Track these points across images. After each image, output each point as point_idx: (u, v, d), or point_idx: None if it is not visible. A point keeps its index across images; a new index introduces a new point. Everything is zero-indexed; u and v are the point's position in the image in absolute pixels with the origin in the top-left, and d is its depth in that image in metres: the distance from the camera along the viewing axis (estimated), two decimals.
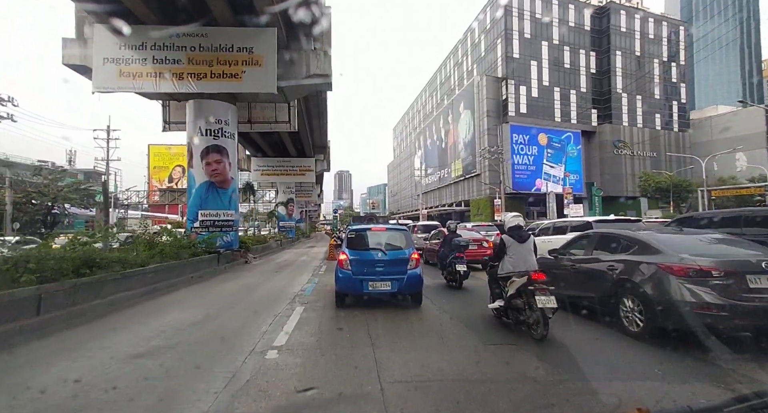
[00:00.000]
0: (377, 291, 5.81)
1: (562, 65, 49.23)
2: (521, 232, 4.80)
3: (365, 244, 6.26)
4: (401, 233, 6.52)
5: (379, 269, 5.86)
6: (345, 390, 3.01)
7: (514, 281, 4.45)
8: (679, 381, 3.11)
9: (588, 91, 50.79)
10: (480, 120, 48.41)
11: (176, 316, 5.64)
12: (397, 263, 5.92)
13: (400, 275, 5.82)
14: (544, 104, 48.59)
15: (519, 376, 3.29)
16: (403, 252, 6.07)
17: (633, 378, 3.23)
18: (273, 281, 9.75)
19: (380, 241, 6.29)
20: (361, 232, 6.49)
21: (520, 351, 3.91)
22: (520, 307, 4.38)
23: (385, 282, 5.77)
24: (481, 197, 48.57)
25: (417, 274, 5.96)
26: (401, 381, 3.14)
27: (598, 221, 10.63)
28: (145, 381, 3.21)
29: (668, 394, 2.90)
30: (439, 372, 3.34)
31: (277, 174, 26.53)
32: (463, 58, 59.46)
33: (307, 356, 3.81)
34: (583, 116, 50.30)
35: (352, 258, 5.95)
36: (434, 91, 73.18)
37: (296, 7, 10.22)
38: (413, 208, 78.89)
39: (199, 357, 3.88)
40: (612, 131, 49.77)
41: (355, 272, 5.84)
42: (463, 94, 52.81)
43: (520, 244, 4.67)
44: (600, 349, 4.07)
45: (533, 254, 4.75)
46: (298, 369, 3.44)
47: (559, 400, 2.84)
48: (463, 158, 52.64)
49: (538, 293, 4.07)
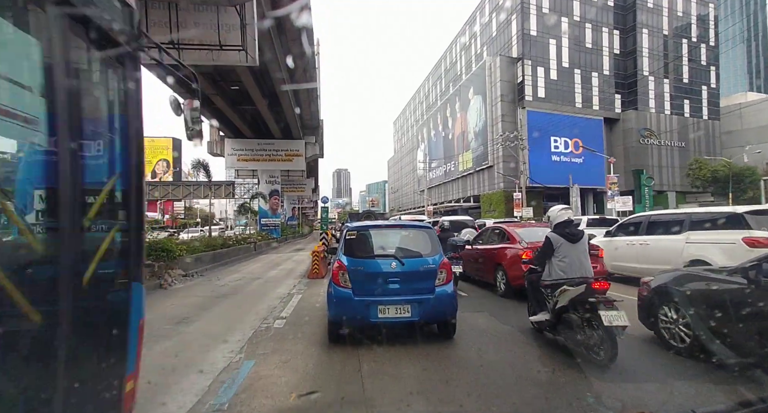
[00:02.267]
0: (391, 320, 4.01)
1: (583, 44, 44.34)
2: (572, 229, 4.05)
3: (371, 249, 4.45)
4: (424, 233, 4.63)
5: (392, 286, 4.06)
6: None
7: (567, 291, 3.65)
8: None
9: (611, 73, 45.93)
10: (492, 106, 43.54)
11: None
12: (419, 278, 4.15)
13: (424, 294, 4.08)
14: (564, 88, 43.72)
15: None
16: (427, 261, 4.24)
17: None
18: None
19: (393, 244, 4.55)
20: (365, 231, 4.66)
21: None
22: (576, 323, 3.59)
23: (401, 306, 4.01)
24: (494, 191, 43.79)
25: (448, 293, 4.19)
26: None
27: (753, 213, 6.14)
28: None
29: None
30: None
31: (257, 159, 21.54)
32: (471, 41, 54.52)
33: None
34: (605, 101, 45.46)
35: (353, 270, 4.13)
36: (438, 79, 68.29)
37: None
38: (415, 205, 74.39)
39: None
40: (638, 118, 44.93)
41: (357, 291, 4.05)
42: (473, 79, 47.88)
43: (572, 244, 3.93)
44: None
45: (588, 257, 4.02)
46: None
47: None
48: (473, 148, 47.77)
49: (602, 307, 3.33)
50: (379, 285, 4.06)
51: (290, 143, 21.75)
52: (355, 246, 4.40)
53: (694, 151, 46.48)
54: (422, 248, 4.39)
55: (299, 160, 21.84)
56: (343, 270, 4.11)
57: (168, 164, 60.31)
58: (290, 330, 4.87)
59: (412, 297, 4.03)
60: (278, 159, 21.65)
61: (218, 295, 7.65)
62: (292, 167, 22.10)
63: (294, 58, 14.01)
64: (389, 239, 4.69)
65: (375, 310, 3.97)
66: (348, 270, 4.10)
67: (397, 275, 4.09)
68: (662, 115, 46.52)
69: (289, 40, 13.59)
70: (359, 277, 4.09)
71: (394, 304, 4.00)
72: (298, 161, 21.85)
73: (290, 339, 4.47)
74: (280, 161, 21.71)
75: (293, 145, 21.79)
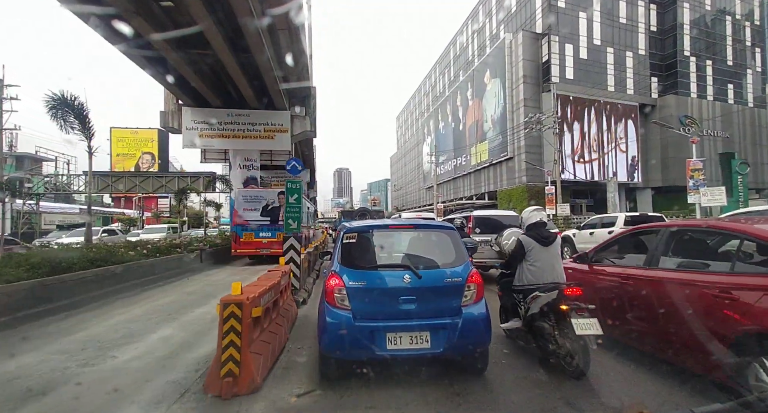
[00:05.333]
0: (404, 352, 3.03)
1: (616, 19, 38.95)
2: (544, 231, 3.84)
3: (377, 256, 3.47)
4: (445, 236, 3.58)
5: (406, 306, 3.10)
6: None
7: (539, 297, 3.51)
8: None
9: (646, 53, 40.54)
10: (513, 89, 38.19)
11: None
12: (440, 295, 3.19)
13: (447, 317, 3.13)
14: (595, 69, 38.35)
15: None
16: (452, 272, 3.28)
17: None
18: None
19: (404, 250, 3.59)
20: (368, 233, 3.56)
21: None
22: (547, 331, 3.38)
23: (418, 334, 3.06)
24: (514, 186, 38.44)
25: (480, 315, 3.20)
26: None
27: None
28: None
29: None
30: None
31: (226, 136, 16.13)
32: (485, 21, 49.14)
33: None
34: (639, 85, 40.08)
35: (353, 285, 3.17)
36: (446, 68, 62.96)
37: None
38: (420, 203, 69.20)
39: None
40: (678, 104, 39.50)
41: (358, 314, 3.09)
42: (489, 61, 42.50)
43: (544, 247, 3.75)
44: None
45: (560, 261, 3.82)
46: None
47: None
48: (490, 139, 42.41)
49: (574, 314, 3.11)
50: (387, 305, 3.12)
51: (271, 115, 16.37)
52: (355, 253, 3.42)
53: (739, 143, 41.16)
54: (444, 256, 3.43)
55: (283, 137, 16.45)
56: (339, 285, 3.18)
57: (153, 156, 55.55)
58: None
59: (431, 321, 3.09)
60: (255, 136, 16.28)
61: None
62: (274, 146, 16.75)
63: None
64: (398, 243, 3.70)
65: (382, 339, 3.02)
66: (346, 286, 3.17)
67: (412, 292, 3.13)
68: (704, 101, 41.11)
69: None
70: (361, 294, 3.15)
71: (408, 331, 3.05)
72: (282, 138, 16.46)
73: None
74: (258, 138, 16.32)
75: (275, 117, 16.41)
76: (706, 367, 2.86)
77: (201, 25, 10.30)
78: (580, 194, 40.00)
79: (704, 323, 2.83)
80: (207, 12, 9.88)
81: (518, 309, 3.79)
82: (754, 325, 2.51)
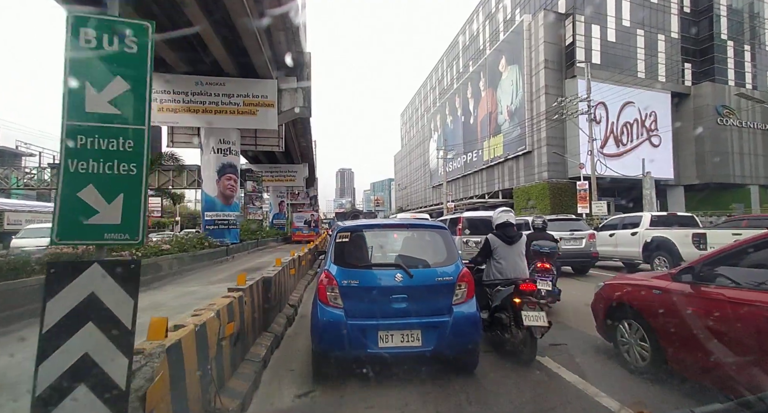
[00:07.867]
0: (396, 350, 3.14)
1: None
2: (510, 231, 4.15)
3: (369, 255, 3.60)
4: (437, 235, 3.72)
5: (397, 304, 3.21)
6: None
7: (500, 291, 3.85)
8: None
9: (679, 37, 36.83)
10: (533, 76, 34.59)
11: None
12: (431, 294, 3.29)
13: (438, 316, 3.25)
14: (624, 53, 34.69)
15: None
16: (443, 272, 3.38)
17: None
18: None
19: (396, 250, 3.69)
20: (360, 232, 3.71)
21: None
22: (504, 322, 3.74)
23: (409, 332, 3.17)
24: (533, 183, 34.80)
25: (470, 314, 3.34)
26: None
27: None
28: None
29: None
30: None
31: (194, 110, 12.69)
32: (498, 6, 45.61)
33: None
34: (671, 71, 36.36)
35: (346, 283, 3.24)
36: (454, 59, 59.48)
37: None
38: (426, 203, 65.62)
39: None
40: (715, 92, 35.77)
41: (350, 312, 3.17)
42: (505, 47, 38.93)
43: (508, 246, 4.09)
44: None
45: (524, 259, 4.16)
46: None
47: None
48: (505, 131, 38.80)
49: (525, 307, 3.48)
50: (379, 304, 3.21)
51: (253, 85, 12.88)
52: (348, 252, 3.50)
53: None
54: (435, 255, 3.55)
55: (268, 113, 12.93)
56: (332, 284, 3.25)
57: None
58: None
59: (422, 320, 3.22)
60: (233, 110, 12.78)
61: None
62: (258, 125, 13.26)
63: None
64: (390, 243, 3.81)
65: (374, 337, 3.14)
66: (339, 284, 3.24)
67: (404, 291, 3.24)
68: (743, 89, 37.33)
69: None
70: (353, 293, 3.23)
71: (400, 329, 3.18)
72: (267, 114, 12.94)
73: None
74: (237, 113, 12.83)
75: (258, 87, 12.91)
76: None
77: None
78: (608, 192, 36.30)
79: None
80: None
81: (488, 302, 3.97)
82: None
